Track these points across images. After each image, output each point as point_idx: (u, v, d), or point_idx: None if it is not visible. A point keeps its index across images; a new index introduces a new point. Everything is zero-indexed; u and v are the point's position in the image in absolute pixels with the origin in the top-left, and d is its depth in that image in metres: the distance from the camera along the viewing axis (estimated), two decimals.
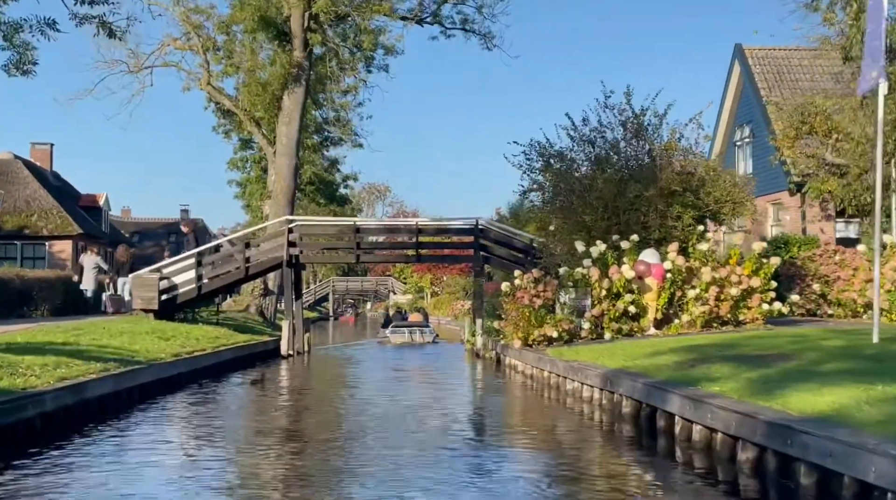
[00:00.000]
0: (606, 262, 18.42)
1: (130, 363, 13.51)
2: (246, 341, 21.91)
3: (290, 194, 29.78)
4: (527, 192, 22.49)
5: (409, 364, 22.62)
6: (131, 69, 31.11)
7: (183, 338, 18.63)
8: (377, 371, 20.21)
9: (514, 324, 18.52)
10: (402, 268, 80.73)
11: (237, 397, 15.02)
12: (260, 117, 31.35)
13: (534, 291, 18.38)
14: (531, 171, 21.42)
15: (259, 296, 29.62)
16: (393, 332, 32.16)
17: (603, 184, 19.64)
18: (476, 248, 24.09)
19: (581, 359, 13.39)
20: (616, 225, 19.60)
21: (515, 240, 24.56)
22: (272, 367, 21.11)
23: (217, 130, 41.88)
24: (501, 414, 13.03)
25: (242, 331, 24.45)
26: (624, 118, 20.42)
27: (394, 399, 14.06)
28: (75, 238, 38.56)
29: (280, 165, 30.00)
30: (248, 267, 23.69)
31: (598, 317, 18.00)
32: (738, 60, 31.36)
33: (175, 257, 24.44)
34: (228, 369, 18.49)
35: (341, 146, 44.56)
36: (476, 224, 24.10)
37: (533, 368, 16.01)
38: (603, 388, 11.30)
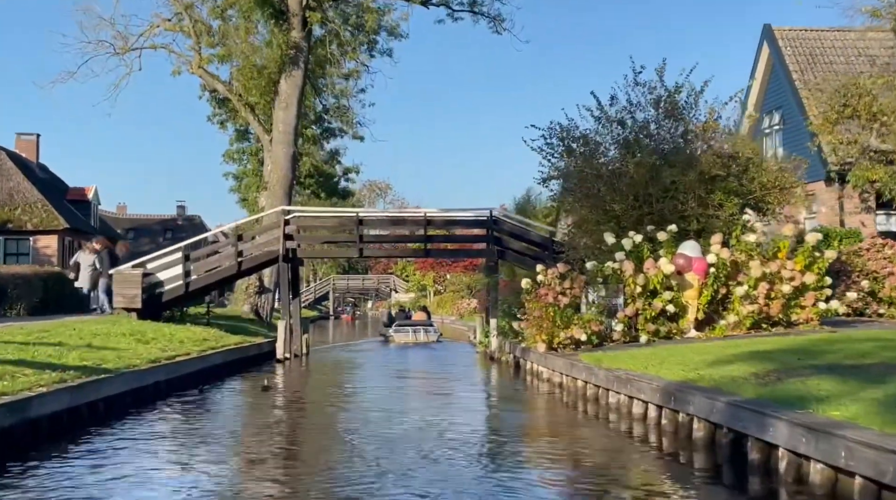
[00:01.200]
0: (641, 255, 16.42)
1: (96, 372, 11.49)
2: (238, 343, 19.89)
3: (287, 185, 27.74)
4: (547, 180, 20.45)
5: (416, 369, 20.58)
6: (117, 51, 29.04)
7: (165, 341, 16.61)
8: (382, 378, 18.16)
9: (536, 325, 16.50)
10: (405, 266, 78.73)
11: (220, 412, 12.93)
12: (255, 103, 29.31)
13: (559, 287, 16.34)
14: (553, 156, 19.41)
15: (254, 294, 27.59)
16: (396, 331, 31.00)
17: (634, 169, 17.61)
18: (489, 241, 22.05)
19: (626, 367, 11.35)
20: (649, 215, 17.59)
21: (532, 233, 22.52)
22: (266, 372, 19.07)
23: (212, 120, 39.85)
24: (532, 435, 10.96)
25: (235, 332, 22.44)
26: (656, 97, 18.40)
27: (403, 416, 12.00)
28: (61, 233, 36.55)
29: (276, 153, 27.96)
30: (241, 262, 21.66)
31: (632, 317, 15.99)
32: (767, 42, 29.29)
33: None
34: (217, 376, 16.46)
35: (342, 138, 42.58)
36: (489, 215, 22.05)
37: (563, 376, 13.98)
38: (663, 405, 9.27)
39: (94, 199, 41.90)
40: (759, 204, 17.80)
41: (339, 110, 35.62)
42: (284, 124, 27.89)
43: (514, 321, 20.47)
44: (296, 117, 28.24)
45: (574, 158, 19.04)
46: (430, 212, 22.11)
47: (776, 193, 17.47)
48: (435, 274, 70.06)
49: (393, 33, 32.23)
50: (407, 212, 22.96)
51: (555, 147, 19.40)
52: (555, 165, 19.51)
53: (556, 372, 14.60)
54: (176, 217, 68.69)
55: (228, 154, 41.61)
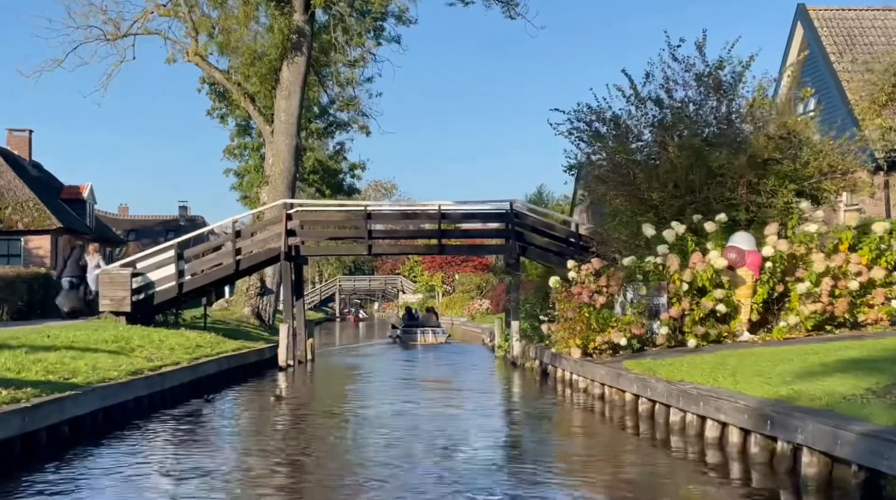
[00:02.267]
0: (685, 249, 14.60)
1: (62, 388, 9.70)
2: (236, 349, 18.09)
3: (289, 179, 25.95)
4: (573, 168, 18.62)
5: (431, 378, 18.75)
6: (108, 37, 27.27)
7: (152, 348, 14.83)
8: (393, 388, 16.31)
9: (568, 328, 14.68)
10: (413, 266, 76.94)
11: (205, 435, 11.09)
12: (255, 92, 27.51)
13: (594, 285, 14.52)
14: (582, 141, 17.61)
15: (255, 295, 25.80)
16: (404, 332, 30.24)
17: (675, 153, 15.78)
18: (509, 236, 20.21)
19: (691, 379, 9.53)
20: (691, 204, 15.76)
21: (557, 227, 20.69)
22: (267, 382, 17.29)
23: (211, 114, 38.27)
24: (578, 461, 9.11)
25: (234, 337, 20.68)
26: (696, 73, 16.56)
27: (419, 438, 10.15)
28: (54, 232, 34.78)
29: (278, 145, 26.17)
30: (239, 260, 19.88)
31: (678, 319, 14.17)
32: (801, 23, 27.38)
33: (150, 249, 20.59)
34: (210, 387, 14.67)
35: (348, 132, 40.67)
36: (510, 208, 20.22)
37: (607, 387, 12.15)
38: (753, 430, 7.43)
39: (89, 197, 40.14)
40: (814, 191, 15.94)
41: (344, 101, 33.74)
42: (286, 114, 26.11)
43: (540, 323, 18.68)
44: (298, 107, 26.44)
45: (605, 142, 17.24)
46: (444, 204, 20.28)
47: (835, 179, 15.60)
48: (443, 274, 68.30)
49: (401, 19, 30.42)
50: (420, 205, 21.08)
51: (583, 131, 17.61)
52: (583, 151, 17.72)
53: (595, 382, 12.77)
54: (178, 218, 66.99)
55: (229, 150, 39.83)
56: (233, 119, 38.78)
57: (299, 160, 26.91)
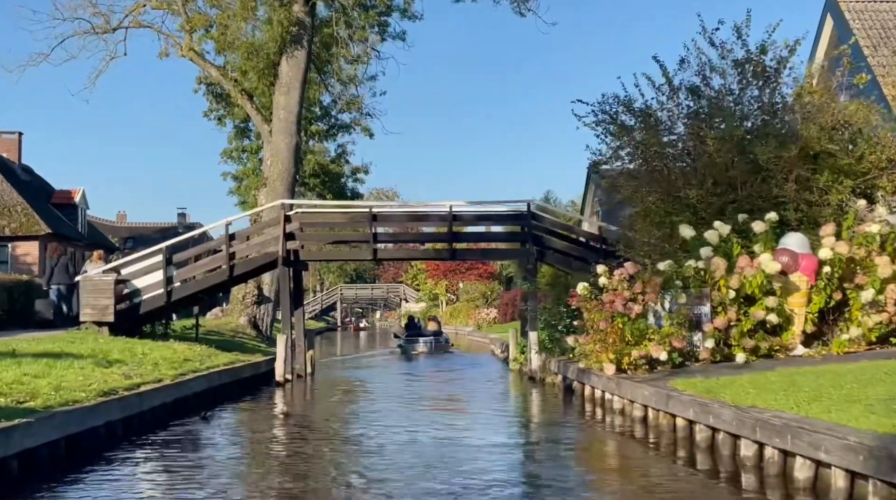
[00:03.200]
0: (730, 252, 13.05)
1: (13, 414, 8.13)
2: (228, 363, 16.50)
3: (289, 180, 24.41)
4: (597, 165, 17.08)
5: (441, 395, 17.12)
6: (96, 30, 25.78)
7: (133, 363, 13.25)
8: (403, 409, 14.61)
9: (599, 340, 13.10)
10: (416, 274, 75.39)
11: (187, 468, 9.46)
12: (252, 88, 26.03)
13: (629, 293, 12.95)
14: (608, 134, 16.08)
15: (251, 304, 24.22)
16: (407, 342, 29.71)
17: (715, 146, 14.24)
18: (526, 239, 18.64)
19: (768, 406, 7.94)
20: (732, 202, 14.22)
21: (577, 229, 19.14)
22: (263, 399, 15.71)
23: (209, 116, 36.93)
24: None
25: (228, 349, 19.13)
26: (733, 60, 15.03)
27: (436, 476, 8.55)
28: (43, 238, 33.27)
29: (277, 144, 24.65)
30: (234, 265, 18.31)
31: (724, 330, 12.60)
32: (830, 15, 25.86)
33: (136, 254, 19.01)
34: (198, 406, 13.10)
35: (350, 134, 39.19)
36: (527, 209, 18.65)
37: (651, 410, 10.55)
38: (873, 475, 5.84)
39: (81, 202, 38.62)
40: (869, 188, 14.38)
41: (346, 100, 32.24)
42: (286, 111, 24.59)
43: (561, 335, 17.10)
44: (298, 103, 24.93)
45: (634, 134, 15.72)
46: (456, 205, 18.71)
47: (893, 175, 14.02)
48: (448, 282, 66.73)
49: (406, 13, 28.95)
50: (430, 206, 19.50)
51: (609, 124, 16.10)
52: (610, 146, 16.18)
53: (636, 404, 11.17)
54: (176, 225, 65.37)
55: (226, 153, 38.35)
56: (231, 121, 37.39)
57: (299, 161, 25.37)
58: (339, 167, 39.61)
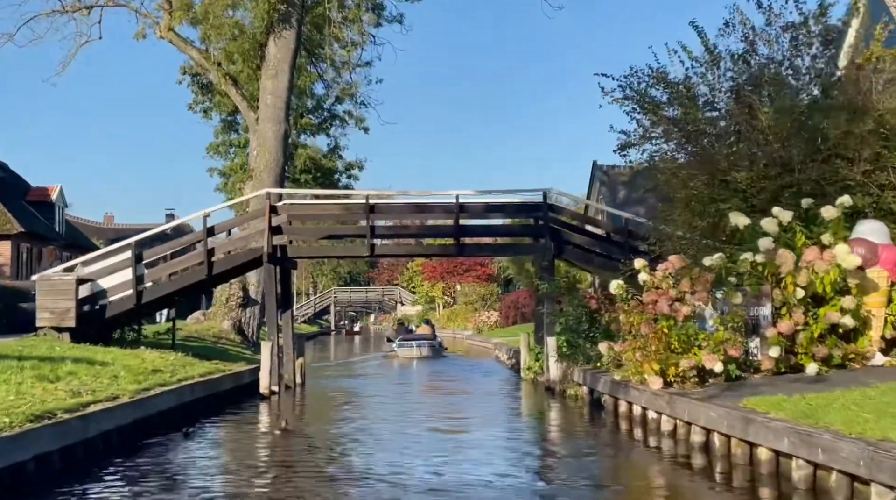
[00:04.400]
0: (792, 243, 11.06)
1: None
2: (206, 374, 14.42)
3: (277, 171, 22.34)
4: (625, 147, 15.04)
5: (450, 411, 14.98)
6: (67, 9, 23.69)
7: (88, 377, 11.19)
8: (409, 431, 12.41)
9: (639, 347, 11.07)
10: (412, 276, 73.24)
11: None
12: (237, 72, 23.96)
13: (675, 291, 10.93)
14: (639, 112, 14.07)
15: (236, 307, 22.13)
16: (400, 346, 29.12)
17: (771, 119, 12.24)
18: (542, 233, 16.61)
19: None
20: (789, 186, 12.21)
21: (601, 222, 17.11)
22: (242, 417, 13.64)
23: (194, 109, 34.84)
24: None
25: (208, 356, 17.08)
26: (785, 23, 13.04)
27: None
28: (16, 238, 31.16)
29: (264, 132, 22.57)
30: (213, 263, 16.24)
31: (790, 336, 10.59)
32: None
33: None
34: (165, 427, 11.04)
35: (344, 128, 37.05)
36: (544, 199, 16.60)
37: (718, 435, 8.51)
38: None
39: (58, 200, 36.46)
40: None
41: (340, 87, 30.18)
42: (273, 96, 22.52)
43: (587, 341, 15.10)
44: (287, 88, 22.86)
45: (668, 111, 13.72)
46: (464, 195, 16.66)
47: None
48: (445, 285, 64.63)
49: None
50: (435, 197, 17.43)
51: (638, 100, 14.09)
52: (641, 124, 14.16)
53: (694, 427, 9.13)
54: (163, 223, 63.23)
55: (213, 147, 36.19)
56: (217, 114, 35.35)
57: (288, 151, 23.29)
58: (332, 163, 37.47)
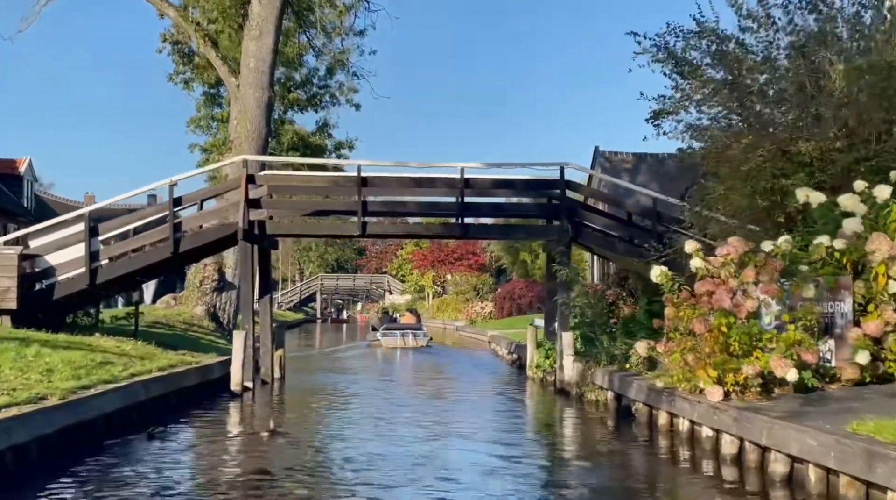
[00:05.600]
0: (880, 225, 9.10)
1: None
2: (167, 366, 12.34)
3: (259, 142, 20.21)
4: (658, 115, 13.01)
5: (440, 415, 12.84)
6: None
7: (11, 371, 9.13)
8: (392, 444, 10.40)
9: (690, 349, 9.07)
10: (401, 264, 71.09)
11: None
12: (217, 31, 21.78)
13: (736, 282, 8.94)
14: (678, 73, 12.08)
15: (211, 291, 20.02)
16: (384, 335, 28.53)
17: (842, 80, 10.25)
18: (558, 214, 14.58)
19: None
20: (865, 160, 10.26)
21: (625, 202, 15.08)
22: (206, 420, 11.57)
23: (174, 80, 32.67)
24: None
25: (175, 346, 15.05)
26: None
27: None
28: None
29: (246, 99, 20.43)
30: (179, 239, 14.13)
31: (876, 339, 8.64)
32: None
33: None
34: (105, 436, 8.99)
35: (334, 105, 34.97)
36: (561, 174, 14.56)
37: (814, 468, 6.51)
38: None
39: (27, 174, 34.19)
40: None
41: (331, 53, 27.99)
42: (256, 59, 20.38)
43: (607, 337, 13.11)
44: (272, 52, 20.72)
45: (717, 70, 11.74)
46: (469, 168, 14.59)
47: None
48: (434, 274, 62.55)
49: None
50: (436, 169, 15.35)
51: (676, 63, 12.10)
52: (680, 87, 12.16)
53: (776, 453, 7.13)
54: (146, 207, 60.89)
55: (194, 121, 34.09)
56: (200, 86, 33.22)
57: (271, 118, 21.14)
58: (321, 141, 35.34)
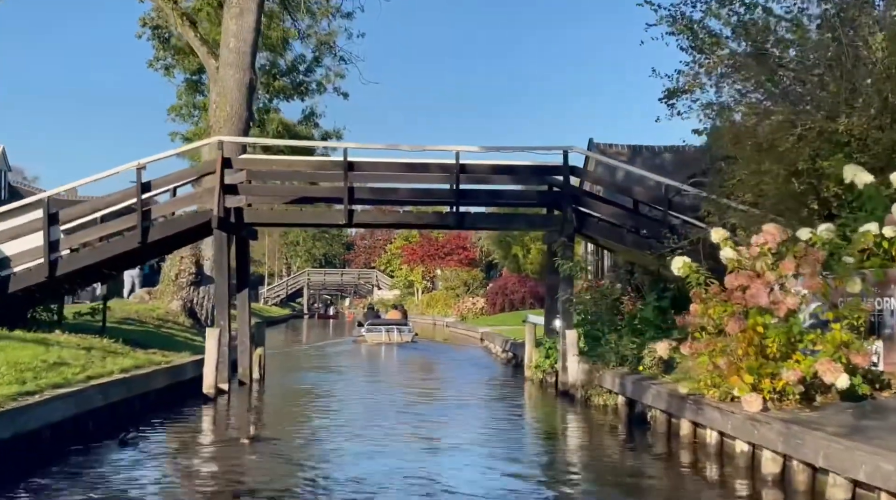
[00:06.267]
0: None
1: None
2: (130, 368, 11.16)
3: (239, 126, 18.97)
4: (673, 94, 11.91)
5: (432, 420, 11.67)
6: None
7: None
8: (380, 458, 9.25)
9: (720, 351, 7.97)
10: (390, 259, 69.85)
11: None
12: (194, 10, 20.54)
13: (773, 275, 7.83)
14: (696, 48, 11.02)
15: (188, 285, 18.81)
16: (368, 331, 28.48)
17: (884, 48, 9.18)
18: (563, 202, 13.46)
19: None
20: None
21: (635, 190, 13.95)
22: (173, 425, 10.40)
23: (154, 66, 31.50)
24: None
25: (146, 344, 13.89)
26: None
27: None
28: None
29: (225, 80, 19.21)
30: (148, 227, 12.93)
31: None
32: None
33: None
34: (54, 449, 7.82)
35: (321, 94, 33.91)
36: (565, 160, 13.40)
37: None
38: None
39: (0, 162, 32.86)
40: None
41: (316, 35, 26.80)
42: (237, 39, 19.14)
43: (614, 336, 12.01)
44: (254, 31, 19.48)
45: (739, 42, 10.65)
46: (465, 151, 13.43)
47: None
48: (424, 269, 61.40)
49: None
50: (430, 153, 14.16)
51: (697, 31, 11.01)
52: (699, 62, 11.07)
53: (835, 477, 6.03)
54: None
55: (175, 109, 32.92)
56: (181, 72, 32.04)
57: (252, 101, 19.92)
58: (308, 130, 34.19)
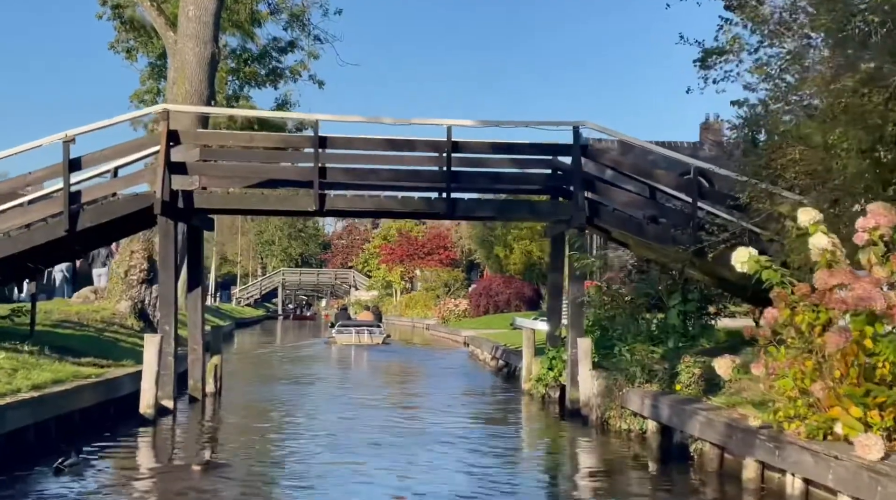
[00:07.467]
0: None
1: None
2: (46, 383, 8.98)
3: (199, 103, 16.81)
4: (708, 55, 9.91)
5: (424, 455, 9.57)
6: None
7: None
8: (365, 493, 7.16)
9: (811, 374, 5.96)
10: (367, 259, 67.63)
11: None
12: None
13: (884, 271, 5.84)
14: None
15: (138, 283, 16.54)
16: (339, 332, 28.32)
17: None
18: (572, 187, 11.41)
19: None
20: None
21: (658, 174, 11.91)
22: (96, 459, 8.24)
23: (116, 48, 29.53)
24: None
25: (82, 351, 11.83)
26: None
27: None
28: None
29: (184, 54, 17.03)
30: (78, 212, 10.74)
31: None
32: None
33: None
34: None
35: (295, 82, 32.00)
36: (575, 137, 11.33)
37: None
38: None
39: None
40: None
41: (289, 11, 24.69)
42: (197, 7, 16.98)
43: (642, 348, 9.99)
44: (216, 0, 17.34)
45: None
46: (458, 127, 11.31)
47: None
48: (403, 269, 59.29)
49: None
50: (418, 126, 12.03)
51: None
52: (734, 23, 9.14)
53: None
54: None
55: (138, 95, 30.82)
56: (144, 56, 29.99)
57: (214, 78, 17.70)
58: (281, 121, 32.09)
